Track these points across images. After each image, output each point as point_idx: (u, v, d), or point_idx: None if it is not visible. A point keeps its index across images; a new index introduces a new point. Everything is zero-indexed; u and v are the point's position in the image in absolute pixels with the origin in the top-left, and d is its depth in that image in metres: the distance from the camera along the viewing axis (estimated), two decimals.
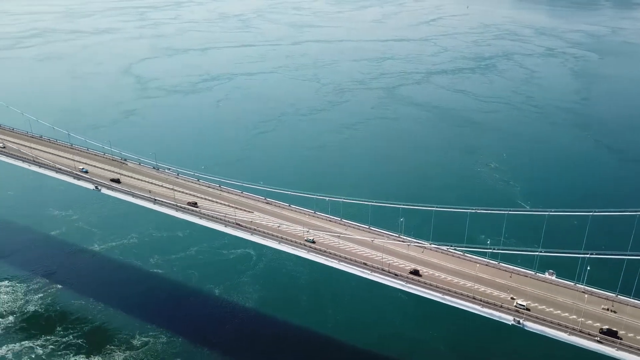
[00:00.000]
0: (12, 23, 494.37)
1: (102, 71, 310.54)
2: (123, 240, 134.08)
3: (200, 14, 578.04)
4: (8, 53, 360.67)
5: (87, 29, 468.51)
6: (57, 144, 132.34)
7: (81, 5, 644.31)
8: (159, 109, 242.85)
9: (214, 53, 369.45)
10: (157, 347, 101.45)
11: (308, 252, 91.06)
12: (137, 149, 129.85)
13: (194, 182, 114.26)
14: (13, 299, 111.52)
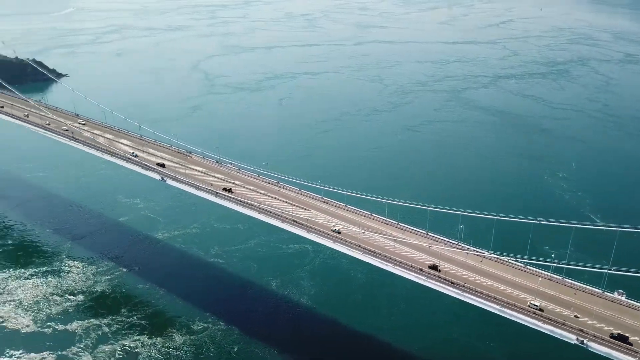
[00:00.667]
0: (92, 19, 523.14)
1: (172, 67, 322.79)
2: (185, 229, 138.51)
3: (267, 13, 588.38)
4: (88, 48, 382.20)
5: (160, 26, 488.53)
6: (129, 135, 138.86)
7: (156, 3, 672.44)
8: (224, 105, 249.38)
9: (279, 52, 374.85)
10: (216, 334, 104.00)
11: (363, 253, 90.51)
12: (202, 143, 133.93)
13: (254, 177, 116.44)
14: (83, 279, 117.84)
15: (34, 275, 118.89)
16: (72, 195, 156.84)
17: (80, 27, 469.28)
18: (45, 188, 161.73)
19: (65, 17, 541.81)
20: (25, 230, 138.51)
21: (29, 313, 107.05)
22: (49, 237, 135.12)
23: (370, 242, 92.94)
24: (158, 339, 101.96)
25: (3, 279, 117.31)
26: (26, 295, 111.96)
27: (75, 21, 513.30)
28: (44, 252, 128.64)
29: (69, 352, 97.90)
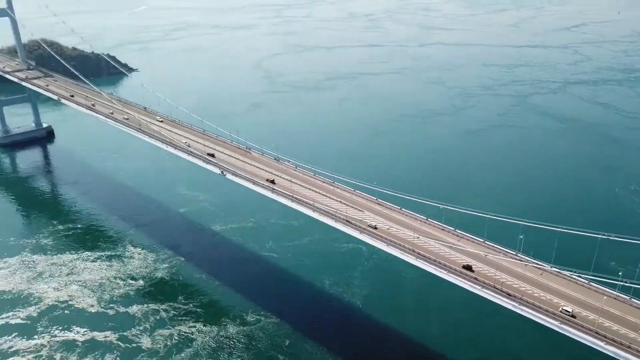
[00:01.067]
0: (163, 17, 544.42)
1: (235, 64, 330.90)
2: (242, 223, 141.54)
3: (330, 12, 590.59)
4: (158, 44, 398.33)
5: (226, 24, 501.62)
6: (191, 129, 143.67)
7: (224, 1, 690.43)
8: (284, 103, 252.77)
9: (340, 52, 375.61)
10: (268, 327, 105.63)
11: (416, 258, 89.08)
12: (261, 140, 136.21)
13: (310, 175, 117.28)
14: (144, 265, 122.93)
15: (99, 258, 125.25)
16: (137, 185, 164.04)
17: (151, 24, 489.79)
18: (114, 177, 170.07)
19: (138, 15, 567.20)
20: (94, 215, 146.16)
21: (93, 294, 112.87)
22: (114, 223, 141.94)
23: (424, 247, 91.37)
24: (213, 327, 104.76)
25: (72, 260, 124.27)
26: (92, 277, 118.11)
27: (147, 18, 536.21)
28: (109, 237, 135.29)
29: (129, 334, 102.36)
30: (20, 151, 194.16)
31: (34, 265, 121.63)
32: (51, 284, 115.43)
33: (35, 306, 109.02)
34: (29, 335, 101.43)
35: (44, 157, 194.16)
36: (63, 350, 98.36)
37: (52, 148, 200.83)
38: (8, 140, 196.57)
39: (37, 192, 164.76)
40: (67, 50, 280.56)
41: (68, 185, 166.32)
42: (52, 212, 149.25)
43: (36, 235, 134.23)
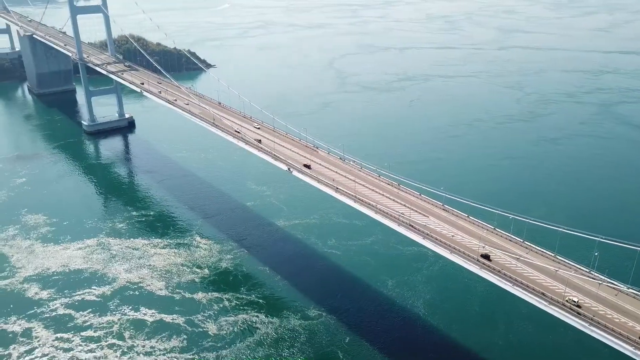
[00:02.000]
0: (243, 15, 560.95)
1: (308, 63, 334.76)
2: (305, 219, 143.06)
3: (407, 13, 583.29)
4: (236, 41, 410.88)
5: (303, 23, 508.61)
6: (263, 125, 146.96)
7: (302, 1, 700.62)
8: (353, 103, 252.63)
9: (414, 53, 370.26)
10: (330, 323, 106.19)
11: (480, 268, 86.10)
12: (328, 139, 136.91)
13: (374, 177, 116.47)
14: (209, 255, 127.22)
15: (168, 245, 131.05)
16: (207, 176, 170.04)
17: (231, 22, 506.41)
18: (186, 167, 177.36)
19: (220, 13, 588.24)
20: (165, 203, 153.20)
21: (162, 278, 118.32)
22: (183, 212, 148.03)
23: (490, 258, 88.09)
24: (275, 318, 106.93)
25: (143, 245, 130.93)
26: (161, 263, 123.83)
27: (228, 16, 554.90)
28: (178, 225, 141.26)
29: (195, 319, 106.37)
30: (104, 139, 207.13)
31: (109, 248, 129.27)
32: (124, 266, 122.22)
33: (109, 285, 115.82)
34: (101, 312, 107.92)
35: (125, 146, 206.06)
36: (133, 328, 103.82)
37: (132, 137, 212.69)
38: (94, 129, 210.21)
39: (116, 178, 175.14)
40: (151, 45, 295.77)
41: (144, 174, 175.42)
42: (128, 198, 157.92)
43: (112, 220, 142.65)
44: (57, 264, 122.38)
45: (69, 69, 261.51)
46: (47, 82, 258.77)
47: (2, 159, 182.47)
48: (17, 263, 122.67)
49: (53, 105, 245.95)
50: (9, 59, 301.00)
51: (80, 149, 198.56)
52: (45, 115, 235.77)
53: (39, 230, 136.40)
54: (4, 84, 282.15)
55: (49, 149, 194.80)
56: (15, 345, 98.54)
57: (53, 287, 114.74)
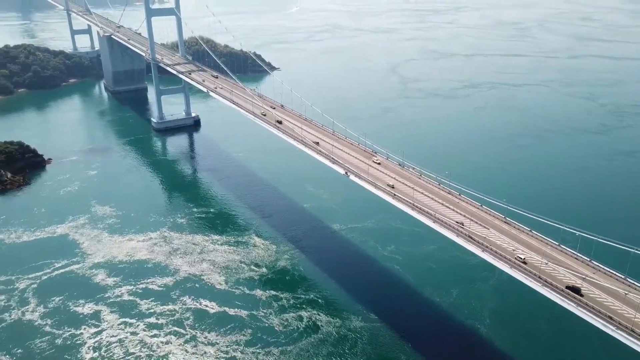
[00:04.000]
0: (310, 19, 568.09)
1: (372, 67, 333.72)
2: (363, 223, 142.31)
3: (476, 20, 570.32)
4: (301, 45, 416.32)
5: (369, 27, 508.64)
6: (322, 129, 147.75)
7: (370, 5, 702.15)
8: (415, 109, 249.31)
9: (480, 60, 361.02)
10: (391, 327, 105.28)
11: (542, 286, 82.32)
12: (388, 144, 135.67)
13: (434, 185, 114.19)
14: (267, 254, 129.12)
15: (227, 242, 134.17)
16: (266, 177, 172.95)
17: (299, 26, 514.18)
18: (247, 167, 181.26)
19: (288, 16, 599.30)
20: (225, 202, 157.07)
21: (221, 274, 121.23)
22: (242, 211, 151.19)
23: (552, 275, 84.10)
24: (335, 319, 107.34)
25: (203, 240, 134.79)
26: (220, 259, 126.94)
27: (296, 20, 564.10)
28: (237, 223, 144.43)
29: (256, 314, 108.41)
30: (171, 136, 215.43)
31: (171, 241, 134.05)
32: (185, 259, 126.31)
33: (171, 277, 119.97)
34: (164, 301, 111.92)
35: (190, 144, 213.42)
36: (194, 318, 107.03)
37: (198, 136, 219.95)
38: (162, 126, 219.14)
39: (180, 175, 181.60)
40: (219, 47, 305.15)
41: (207, 171, 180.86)
42: (190, 194, 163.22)
43: (174, 215, 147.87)
44: (123, 254, 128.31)
45: (142, 68, 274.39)
46: (121, 81, 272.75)
47: (78, 151, 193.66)
48: (87, 250, 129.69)
49: (126, 103, 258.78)
50: (89, 58, 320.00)
51: (148, 144, 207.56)
52: (118, 112, 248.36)
53: (106, 220, 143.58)
54: (83, 81, 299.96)
55: (120, 143, 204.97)
56: (85, 327, 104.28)
57: (119, 274, 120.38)
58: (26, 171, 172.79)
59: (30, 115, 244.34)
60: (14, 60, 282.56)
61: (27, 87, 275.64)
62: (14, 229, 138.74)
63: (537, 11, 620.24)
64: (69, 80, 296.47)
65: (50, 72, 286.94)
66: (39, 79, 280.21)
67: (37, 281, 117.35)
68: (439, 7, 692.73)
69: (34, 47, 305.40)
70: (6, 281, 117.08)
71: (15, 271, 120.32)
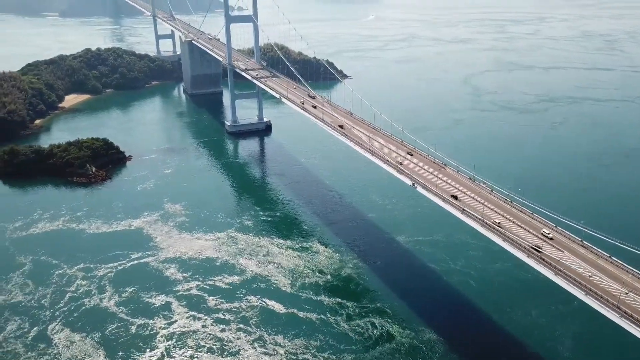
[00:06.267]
0: (386, 28, 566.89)
1: (445, 77, 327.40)
2: (430, 237, 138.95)
3: (560, 31, 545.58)
4: (375, 53, 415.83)
5: (445, 37, 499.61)
6: (391, 138, 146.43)
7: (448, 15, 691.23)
8: (488, 122, 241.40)
9: (560, 73, 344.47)
10: (467, 344, 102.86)
11: (620, 317, 76.73)
12: (458, 157, 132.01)
13: (506, 201, 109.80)
14: (330, 262, 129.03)
15: (291, 247, 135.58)
16: (333, 184, 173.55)
17: (374, 34, 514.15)
18: (314, 173, 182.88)
19: (364, 25, 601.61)
20: (291, 206, 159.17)
21: (287, 277, 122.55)
22: (307, 216, 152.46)
23: (633, 307, 78.14)
24: (407, 330, 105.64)
25: (268, 243, 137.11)
26: (285, 263, 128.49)
27: (371, 28, 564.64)
28: (301, 229, 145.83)
29: (326, 319, 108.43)
30: (243, 140, 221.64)
31: (237, 242, 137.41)
32: (251, 260, 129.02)
33: (238, 276, 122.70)
34: (231, 299, 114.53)
35: (260, 148, 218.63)
36: (261, 317, 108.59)
37: (268, 140, 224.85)
38: (235, 130, 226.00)
39: (249, 177, 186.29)
40: (293, 54, 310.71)
41: (275, 176, 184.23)
42: (258, 197, 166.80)
43: (242, 216, 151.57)
44: (192, 251, 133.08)
45: (218, 73, 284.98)
46: (199, 84, 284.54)
47: (157, 150, 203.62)
48: (159, 244, 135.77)
49: (202, 105, 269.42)
50: (170, 62, 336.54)
51: (221, 147, 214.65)
52: (195, 114, 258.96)
53: (177, 218, 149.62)
54: (164, 83, 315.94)
55: (195, 144, 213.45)
56: (157, 317, 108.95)
57: (188, 270, 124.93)
58: (109, 166, 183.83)
59: (115, 114, 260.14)
60: (104, 63, 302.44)
61: (114, 88, 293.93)
62: (95, 220, 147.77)
63: (630, 22, 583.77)
64: (152, 83, 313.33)
65: (135, 74, 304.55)
66: (125, 80, 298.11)
67: (113, 270, 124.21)
68: (521, 17, 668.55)
69: (122, 50, 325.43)
70: (86, 268, 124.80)
71: (95, 260, 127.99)
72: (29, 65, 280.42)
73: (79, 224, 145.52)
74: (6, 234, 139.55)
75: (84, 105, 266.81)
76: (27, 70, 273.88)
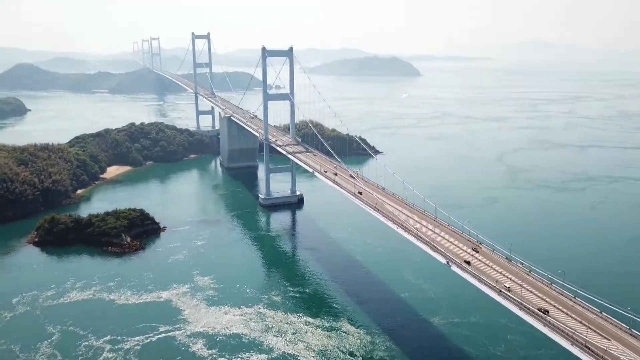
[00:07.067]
0: (419, 106, 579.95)
1: (478, 155, 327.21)
2: (466, 318, 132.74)
3: (596, 110, 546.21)
4: (408, 130, 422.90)
5: (479, 115, 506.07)
6: (424, 214, 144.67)
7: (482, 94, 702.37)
8: (524, 200, 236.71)
9: (598, 152, 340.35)
10: None
11: None
12: (493, 236, 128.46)
13: (545, 284, 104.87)
14: (362, 344, 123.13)
15: (321, 326, 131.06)
16: (364, 260, 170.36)
17: (406, 112, 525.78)
18: (345, 248, 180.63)
19: (398, 103, 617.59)
20: (321, 283, 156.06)
21: (316, 357, 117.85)
22: (337, 294, 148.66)
23: None
24: None
25: (297, 321, 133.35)
26: (314, 342, 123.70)
27: (404, 106, 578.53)
28: (331, 307, 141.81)
29: None
30: (275, 212, 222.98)
31: (266, 318, 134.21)
32: (279, 338, 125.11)
33: (266, 355, 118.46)
34: None
35: (292, 221, 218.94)
36: None
37: (300, 214, 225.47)
38: (268, 202, 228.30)
39: (280, 251, 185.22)
40: (327, 130, 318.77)
41: (305, 250, 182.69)
42: (287, 272, 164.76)
43: (271, 291, 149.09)
44: (220, 325, 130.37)
45: (255, 147, 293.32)
46: (235, 158, 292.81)
47: (190, 221, 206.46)
48: (187, 318, 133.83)
49: (237, 178, 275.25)
50: (209, 136, 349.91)
51: (253, 219, 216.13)
52: (230, 187, 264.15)
53: (206, 291, 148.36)
54: (202, 156, 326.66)
55: (228, 216, 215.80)
56: None
57: (215, 346, 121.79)
58: (143, 237, 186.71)
59: (154, 185, 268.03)
60: (146, 136, 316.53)
61: (154, 160, 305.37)
62: (125, 290, 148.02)
63: None
64: (190, 156, 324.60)
65: (175, 147, 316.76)
66: (164, 153, 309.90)
67: (140, 344, 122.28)
68: (556, 97, 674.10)
69: (164, 125, 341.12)
70: (113, 340, 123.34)
71: (123, 331, 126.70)
72: (77, 138, 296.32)
73: (110, 294, 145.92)
74: (38, 302, 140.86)
75: (125, 177, 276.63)
76: (75, 142, 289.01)
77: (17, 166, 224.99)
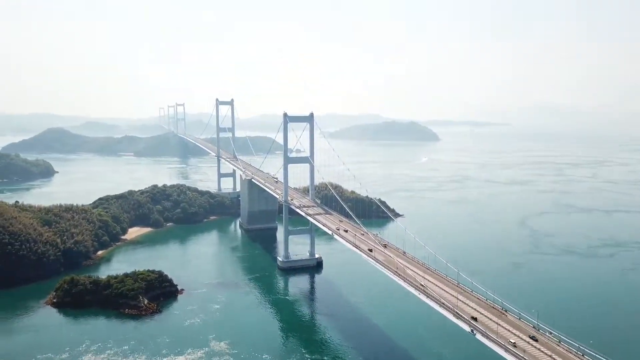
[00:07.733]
0: (439, 170, 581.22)
1: (500, 219, 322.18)
2: None
3: (620, 174, 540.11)
4: (428, 194, 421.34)
5: (499, 179, 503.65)
6: (446, 279, 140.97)
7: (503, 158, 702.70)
8: (549, 266, 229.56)
9: (624, 217, 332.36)
10: None
11: None
12: (519, 303, 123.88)
13: (576, 354, 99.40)
14: None
15: None
16: (386, 327, 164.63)
17: (426, 176, 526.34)
18: (365, 314, 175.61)
19: (418, 166, 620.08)
20: (340, 350, 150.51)
21: None
22: None
23: None
24: None
25: None
26: None
27: (424, 170, 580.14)
28: None
29: None
30: (293, 276, 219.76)
31: None
32: None
33: None
34: None
35: (311, 285, 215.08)
36: None
37: (319, 277, 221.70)
38: (287, 265, 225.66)
39: (297, 316, 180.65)
40: (346, 192, 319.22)
41: (324, 315, 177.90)
42: (305, 338, 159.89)
43: (287, 358, 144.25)
44: None
45: (274, 209, 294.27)
46: (255, 219, 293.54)
47: (208, 283, 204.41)
48: None
49: (256, 240, 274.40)
50: (230, 198, 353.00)
51: (271, 282, 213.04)
52: (249, 249, 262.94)
53: (221, 357, 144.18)
54: (222, 218, 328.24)
55: (246, 279, 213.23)
56: None
57: None
58: (160, 299, 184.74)
59: (173, 246, 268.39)
60: (168, 198, 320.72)
61: (175, 222, 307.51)
62: (139, 355, 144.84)
63: None
64: (210, 217, 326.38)
65: (196, 209, 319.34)
66: (185, 214, 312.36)
67: None
68: (578, 161, 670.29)
69: (186, 187, 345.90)
70: None
71: None
72: (101, 199, 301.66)
73: (124, 359, 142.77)
74: None
75: (145, 238, 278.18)
76: (99, 203, 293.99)
77: (41, 226, 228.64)
